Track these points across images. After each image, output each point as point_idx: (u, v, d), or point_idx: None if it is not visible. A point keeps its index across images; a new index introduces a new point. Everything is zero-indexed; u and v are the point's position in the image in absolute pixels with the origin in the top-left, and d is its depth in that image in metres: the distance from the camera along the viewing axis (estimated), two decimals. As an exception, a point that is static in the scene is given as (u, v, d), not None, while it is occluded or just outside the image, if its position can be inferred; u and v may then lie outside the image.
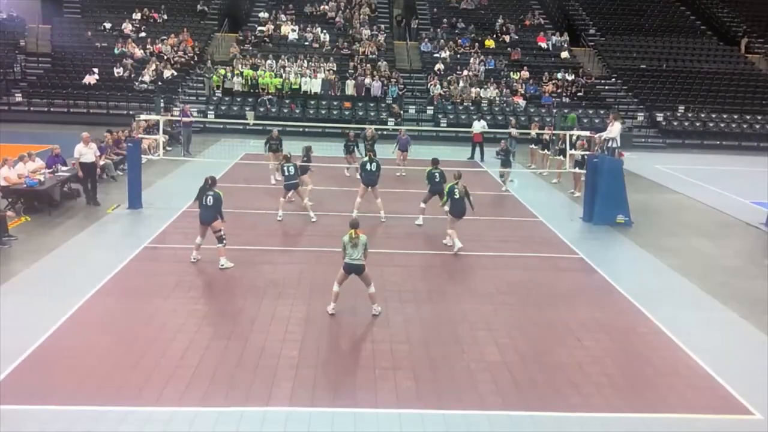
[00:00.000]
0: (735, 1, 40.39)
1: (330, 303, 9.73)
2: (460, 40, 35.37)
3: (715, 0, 40.43)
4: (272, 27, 34.87)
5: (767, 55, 36.69)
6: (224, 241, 11.54)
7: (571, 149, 18.21)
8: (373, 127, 21.01)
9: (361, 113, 30.25)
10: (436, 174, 14.33)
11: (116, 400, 7.13)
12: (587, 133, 19.22)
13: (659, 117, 31.94)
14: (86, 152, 15.32)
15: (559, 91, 32.47)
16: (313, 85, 31.08)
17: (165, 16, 35.63)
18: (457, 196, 12.63)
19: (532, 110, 31.22)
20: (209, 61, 32.11)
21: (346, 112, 30.37)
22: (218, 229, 11.45)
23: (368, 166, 14.82)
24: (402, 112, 30.39)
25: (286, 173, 14.42)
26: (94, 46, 32.53)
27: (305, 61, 32.15)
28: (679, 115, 32.20)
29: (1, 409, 6.84)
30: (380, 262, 11.45)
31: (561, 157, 19.79)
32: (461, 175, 12.99)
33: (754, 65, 36.05)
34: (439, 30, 36.17)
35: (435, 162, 14.69)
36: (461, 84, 32.09)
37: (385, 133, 27.87)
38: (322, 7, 37.02)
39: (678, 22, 39.00)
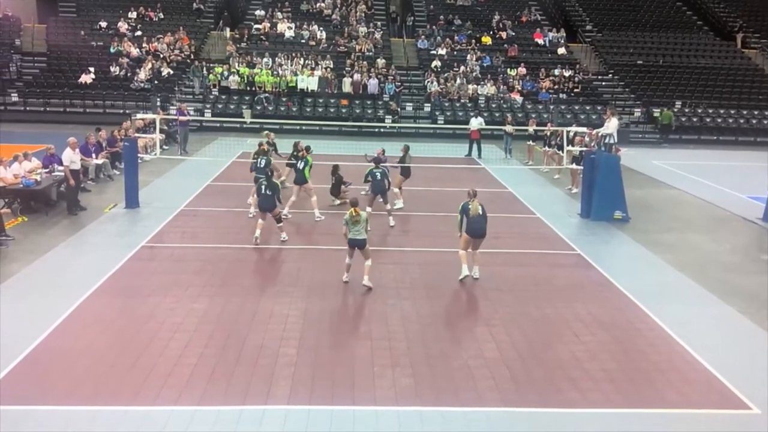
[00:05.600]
0: (731, -3, 40.44)
1: (344, 273, 10.72)
2: (456, 37, 35.34)
3: (711, -5, 40.48)
4: (269, 25, 34.82)
5: (763, 50, 36.69)
6: (282, 221, 13.01)
7: (568, 145, 18.21)
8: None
9: (358, 111, 30.23)
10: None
11: (114, 400, 7.11)
12: (584, 129, 19.23)
13: (656, 113, 31.96)
14: (75, 158, 15.03)
15: (556, 87, 32.48)
16: (310, 82, 31.02)
17: (161, 15, 35.53)
18: (473, 214, 10.81)
19: (529, 107, 31.23)
20: (202, 62, 32.04)
21: (343, 110, 30.35)
22: (277, 213, 12.80)
23: (299, 165, 14.92)
24: (399, 109, 30.38)
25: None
26: (90, 45, 32.47)
27: (302, 58, 32.11)
28: (675, 110, 32.20)
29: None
30: (378, 259, 11.42)
31: (559, 152, 19.80)
32: (476, 193, 11.22)
33: (750, 60, 36.05)
34: (435, 27, 36.14)
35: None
36: (458, 81, 32.06)
37: (382, 131, 27.98)
38: (318, 4, 36.95)
39: (674, 17, 39.00)
